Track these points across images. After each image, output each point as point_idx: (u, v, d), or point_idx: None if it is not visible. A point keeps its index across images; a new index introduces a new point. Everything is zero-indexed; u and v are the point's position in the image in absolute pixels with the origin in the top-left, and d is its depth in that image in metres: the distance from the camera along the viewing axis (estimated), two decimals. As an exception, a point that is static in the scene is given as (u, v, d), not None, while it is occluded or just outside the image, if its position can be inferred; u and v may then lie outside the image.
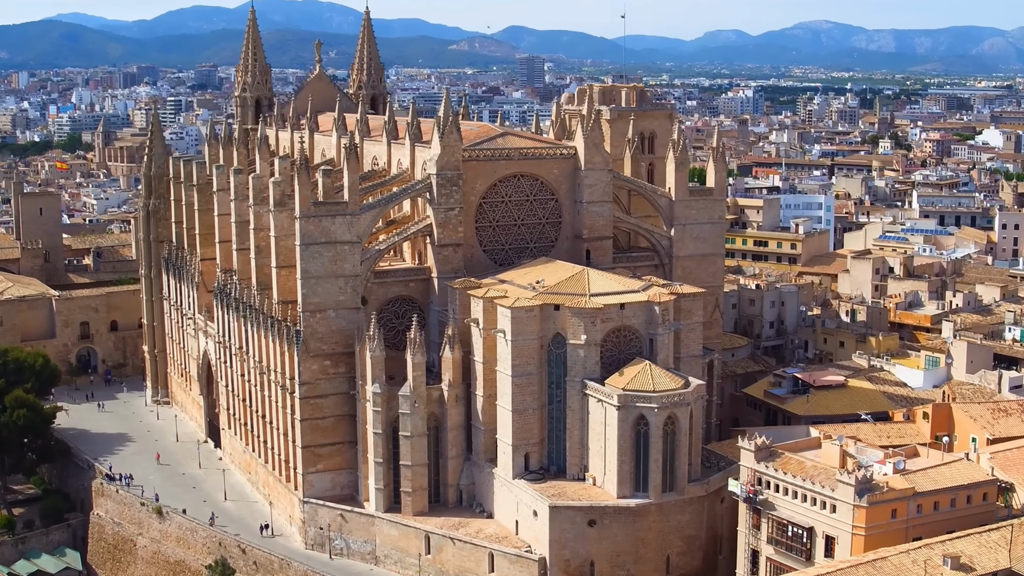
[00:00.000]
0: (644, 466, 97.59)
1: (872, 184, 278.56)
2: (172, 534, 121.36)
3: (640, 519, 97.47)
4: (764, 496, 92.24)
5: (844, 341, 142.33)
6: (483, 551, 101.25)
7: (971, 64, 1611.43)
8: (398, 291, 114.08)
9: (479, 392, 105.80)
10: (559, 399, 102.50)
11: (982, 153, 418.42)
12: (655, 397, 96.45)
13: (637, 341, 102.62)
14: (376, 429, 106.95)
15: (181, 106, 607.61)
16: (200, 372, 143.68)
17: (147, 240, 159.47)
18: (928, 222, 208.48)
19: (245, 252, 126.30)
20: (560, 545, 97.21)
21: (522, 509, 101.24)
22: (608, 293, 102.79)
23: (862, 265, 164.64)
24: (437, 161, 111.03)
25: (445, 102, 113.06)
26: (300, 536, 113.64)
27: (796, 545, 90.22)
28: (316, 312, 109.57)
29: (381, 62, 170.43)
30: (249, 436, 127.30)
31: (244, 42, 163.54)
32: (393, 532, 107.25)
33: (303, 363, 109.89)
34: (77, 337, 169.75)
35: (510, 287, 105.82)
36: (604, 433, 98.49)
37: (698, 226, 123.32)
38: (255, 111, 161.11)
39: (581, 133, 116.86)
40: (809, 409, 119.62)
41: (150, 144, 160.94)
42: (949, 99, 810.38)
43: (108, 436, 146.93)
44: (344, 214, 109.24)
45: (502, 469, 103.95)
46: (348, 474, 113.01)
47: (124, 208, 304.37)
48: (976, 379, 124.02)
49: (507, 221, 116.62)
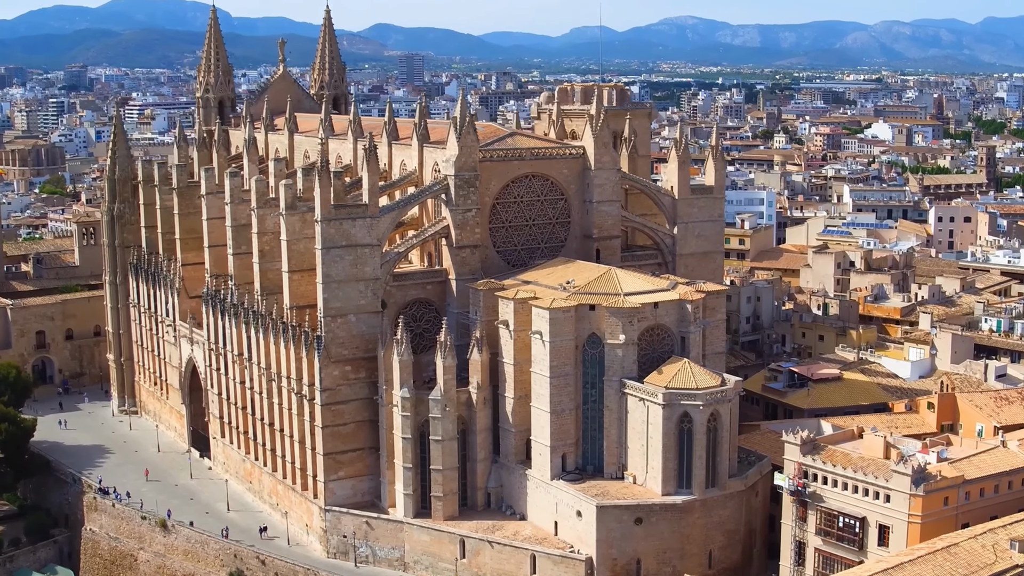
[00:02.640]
0: (688, 463, 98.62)
1: (790, 179, 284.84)
2: (179, 547, 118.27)
3: (685, 516, 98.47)
4: (812, 488, 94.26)
5: (824, 335, 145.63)
6: (524, 553, 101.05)
7: (836, 58, 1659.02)
8: (416, 294, 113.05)
9: (509, 394, 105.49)
10: (594, 399, 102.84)
11: (873, 147, 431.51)
12: (699, 394, 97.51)
13: (669, 339, 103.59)
14: (405, 434, 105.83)
15: (64, 107, 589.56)
16: (183, 380, 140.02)
17: (111, 246, 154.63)
18: (867, 216, 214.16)
19: (244, 256, 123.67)
20: (607, 544, 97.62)
21: (562, 509, 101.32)
22: (640, 292, 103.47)
23: (824, 260, 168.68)
24: (455, 162, 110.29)
25: (461, 103, 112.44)
26: (320, 544, 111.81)
27: (847, 535, 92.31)
28: (337, 317, 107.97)
29: (343, 62, 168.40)
30: (251, 444, 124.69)
31: (205, 42, 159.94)
32: (424, 537, 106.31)
33: (324, 369, 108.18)
34: (33, 347, 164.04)
35: (537, 288, 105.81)
36: (646, 432, 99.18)
37: (699, 224, 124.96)
38: (219, 112, 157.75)
39: (590, 133, 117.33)
40: (811, 402, 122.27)
41: (113, 147, 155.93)
42: (825, 93, 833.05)
43: (84, 448, 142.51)
44: (364, 217, 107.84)
45: (537, 470, 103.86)
46: (369, 480, 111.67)
47: (28, 213, 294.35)
48: (962, 369, 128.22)
49: (519, 222, 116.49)
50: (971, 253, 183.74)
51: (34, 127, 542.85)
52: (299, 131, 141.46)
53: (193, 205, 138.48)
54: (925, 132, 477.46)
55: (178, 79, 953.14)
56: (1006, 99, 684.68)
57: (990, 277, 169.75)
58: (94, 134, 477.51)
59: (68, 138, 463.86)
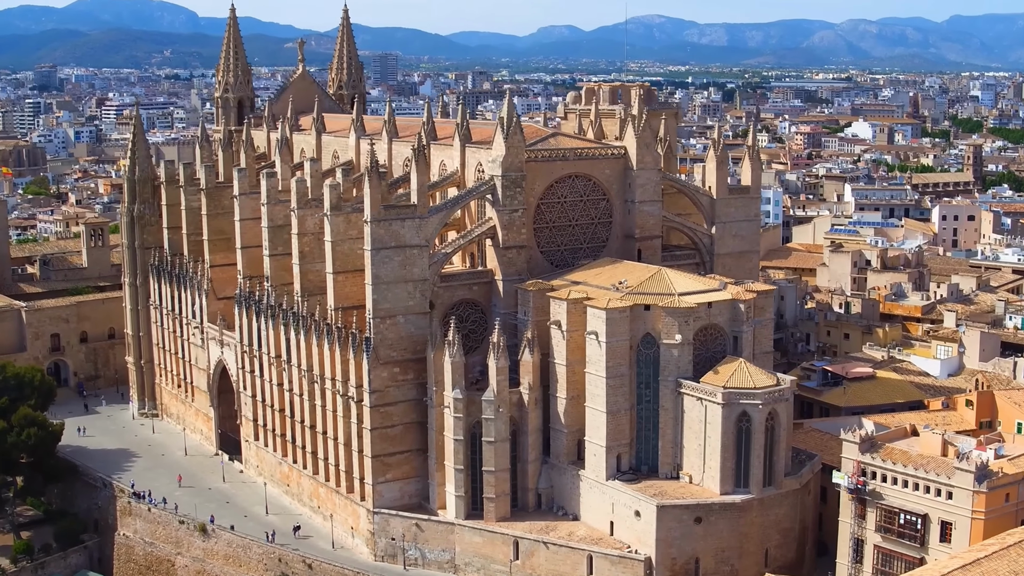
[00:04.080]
0: (746, 462, 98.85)
1: (784, 179, 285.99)
2: (219, 551, 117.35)
3: (744, 515, 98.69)
4: (872, 486, 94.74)
5: (849, 333, 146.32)
6: (581, 554, 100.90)
7: (803, 57, 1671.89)
8: (462, 295, 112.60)
9: (561, 394, 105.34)
10: (647, 399, 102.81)
11: (854, 145, 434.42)
12: (759, 394, 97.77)
13: (722, 339, 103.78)
14: (456, 435, 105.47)
15: (40, 108, 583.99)
16: (211, 383, 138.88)
17: (131, 247, 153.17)
18: (872, 215, 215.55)
19: (282, 257, 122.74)
20: (667, 544, 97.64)
21: (619, 510, 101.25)
22: (693, 292, 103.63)
23: (841, 259, 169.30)
24: (502, 162, 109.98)
25: (508, 103, 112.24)
26: (367, 547, 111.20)
27: (908, 532, 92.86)
28: (386, 318, 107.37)
29: (360, 61, 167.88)
30: (289, 447, 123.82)
31: (224, 43, 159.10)
32: (476, 539, 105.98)
33: (373, 371, 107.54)
34: (48, 350, 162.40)
35: (587, 288, 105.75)
36: (703, 431, 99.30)
37: (736, 224, 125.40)
38: (238, 112, 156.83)
39: (632, 133, 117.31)
40: (848, 400, 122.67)
41: (133, 148, 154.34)
42: (798, 92, 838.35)
43: (109, 452, 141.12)
44: (413, 217, 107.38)
45: (591, 471, 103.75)
46: (416, 482, 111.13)
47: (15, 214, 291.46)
48: (990, 367, 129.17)
49: (562, 222, 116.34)
50: (980, 252, 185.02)
51: (10, 128, 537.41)
52: (327, 131, 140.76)
53: (221, 206, 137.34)
54: (904, 131, 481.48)
55: (148, 79, 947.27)
56: (981, 97, 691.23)
57: (1003, 275, 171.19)
58: (73, 135, 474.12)
59: (48, 139, 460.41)
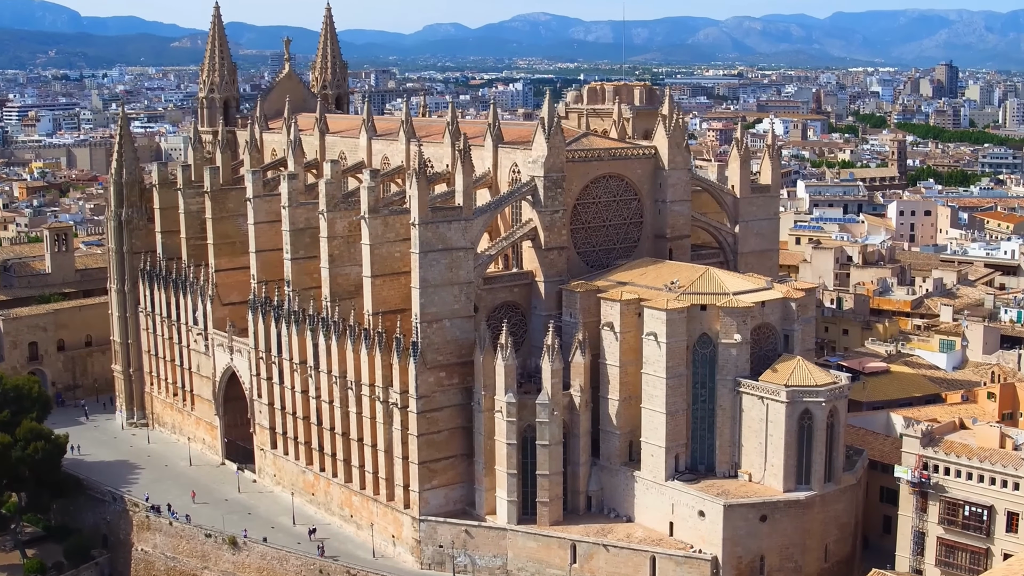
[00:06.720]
0: (807, 459, 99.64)
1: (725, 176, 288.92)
2: (251, 565, 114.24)
3: (807, 511, 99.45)
4: (935, 480, 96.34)
5: (848, 329, 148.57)
6: (643, 555, 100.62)
7: (689, 53, 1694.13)
8: (504, 297, 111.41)
9: (614, 396, 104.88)
10: (703, 399, 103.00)
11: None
12: (821, 391, 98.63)
13: (773, 337, 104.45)
14: (509, 439, 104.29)
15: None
16: (216, 391, 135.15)
17: (119, 252, 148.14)
18: (833, 211, 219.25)
19: (306, 261, 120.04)
20: (733, 543, 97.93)
21: (680, 510, 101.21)
22: (746, 291, 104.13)
23: (823, 255, 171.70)
24: (544, 163, 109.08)
25: (548, 102, 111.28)
26: (412, 555, 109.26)
27: (973, 523, 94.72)
28: (433, 322, 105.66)
29: (343, 60, 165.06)
30: (316, 455, 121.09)
31: (208, 42, 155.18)
32: (531, 544, 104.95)
33: (420, 376, 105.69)
34: (26, 359, 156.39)
35: (637, 289, 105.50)
36: (764, 429, 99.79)
37: (758, 222, 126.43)
38: (224, 112, 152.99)
39: (663, 133, 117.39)
40: (868, 395, 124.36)
41: (119, 150, 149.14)
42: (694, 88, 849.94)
43: (109, 465, 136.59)
44: (459, 220, 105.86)
45: (648, 472, 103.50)
46: (461, 488, 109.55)
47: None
48: (993, 359, 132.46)
49: (597, 222, 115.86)
50: (948, 247, 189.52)
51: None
52: (330, 132, 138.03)
53: (226, 208, 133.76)
54: (814, 126, 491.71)
55: (38, 80, 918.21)
56: (881, 93, 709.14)
57: (976, 269, 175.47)
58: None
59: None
